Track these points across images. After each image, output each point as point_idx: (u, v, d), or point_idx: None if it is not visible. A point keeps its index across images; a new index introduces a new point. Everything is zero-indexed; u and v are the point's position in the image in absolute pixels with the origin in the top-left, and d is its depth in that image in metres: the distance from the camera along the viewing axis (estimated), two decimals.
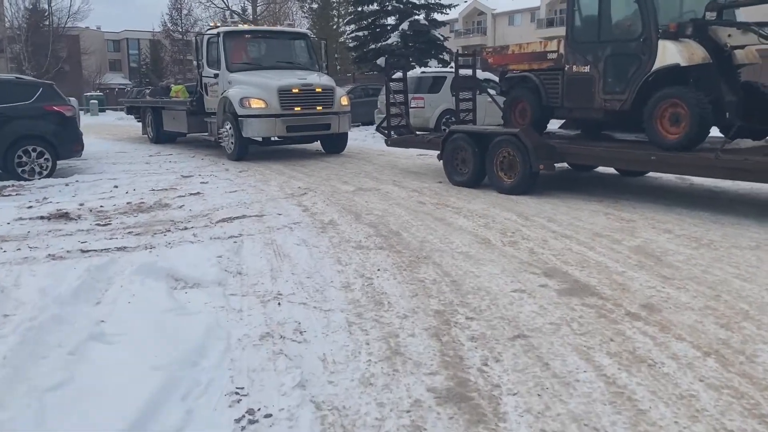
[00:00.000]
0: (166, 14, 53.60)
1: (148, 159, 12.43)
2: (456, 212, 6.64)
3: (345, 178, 9.37)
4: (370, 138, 16.28)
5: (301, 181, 9.20)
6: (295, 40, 13.12)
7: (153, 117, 15.76)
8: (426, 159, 11.44)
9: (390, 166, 10.77)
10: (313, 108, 11.67)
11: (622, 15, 6.87)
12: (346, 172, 10.15)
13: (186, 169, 10.77)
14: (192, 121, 13.58)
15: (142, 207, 7.25)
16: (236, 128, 11.50)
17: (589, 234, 5.53)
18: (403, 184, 8.66)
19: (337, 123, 12.04)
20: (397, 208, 6.91)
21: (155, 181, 9.25)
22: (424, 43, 24.48)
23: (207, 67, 12.65)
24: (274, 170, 10.49)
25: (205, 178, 9.60)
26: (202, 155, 12.99)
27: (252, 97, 11.32)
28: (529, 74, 7.98)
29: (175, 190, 8.36)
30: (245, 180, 9.36)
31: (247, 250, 5.20)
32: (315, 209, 6.97)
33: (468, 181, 8.21)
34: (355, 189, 8.33)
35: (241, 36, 12.61)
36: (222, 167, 11.01)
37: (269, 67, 12.24)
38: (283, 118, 11.39)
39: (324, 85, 11.85)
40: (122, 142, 17.17)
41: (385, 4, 25.35)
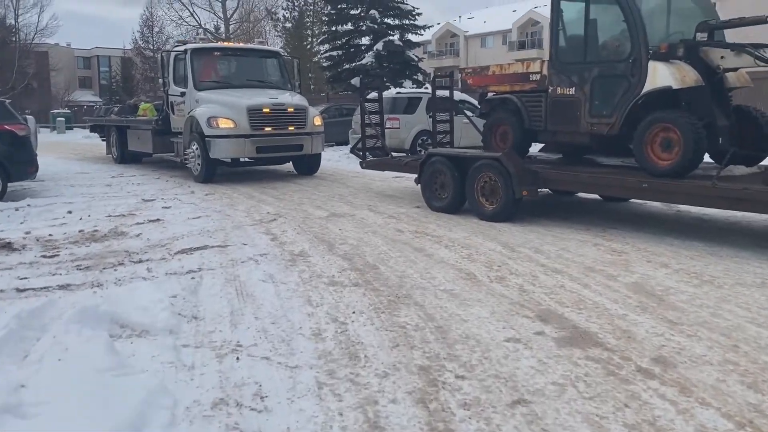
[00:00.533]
0: (138, 31, 52.76)
1: (109, 181, 11.78)
2: (436, 242, 6.19)
3: (318, 203, 8.88)
4: (345, 159, 15.83)
5: (271, 205, 8.68)
6: (267, 58, 12.65)
7: (118, 136, 15.10)
8: (402, 182, 11.02)
9: (365, 189, 10.31)
10: (285, 128, 11.18)
11: (609, 35, 6.55)
12: (319, 195, 9.66)
13: (149, 192, 10.16)
14: (157, 141, 12.98)
15: (95, 236, 6.65)
16: (203, 149, 10.95)
17: (580, 268, 5.11)
18: (379, 210, 8.19)
19: (310, 144, 11.56)
20: (374, 237, 6.43)
21: (114, 205, 8.64)
22: (398, 63, 24.23)
23: (173, 85, 12.11)
24: (242, 193, 9.95)
25: (168, 202, 9.01)
26: (168, 177, 12.38)
27: (220, 117, 10.79)
28: (510, 96, 7.61)
29: (134, 216, 7.76)
30: (211, 204, 8.80)
31: (206, 289, 4.66)
32: (284, 238, 6.46)
33: (447, 206, 7.78)
34: (328, 215, 7.84)
35: (209, 53, 12.11)
36: (187, 190, 10.42)
37: (239, 86, 11.74)
38: (253, 139, 10.88)
39: (296, 105, 11.39)
40: (85, 161, 16.44)
41: (360, 24, 25.09)
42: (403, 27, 25.00)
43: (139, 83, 54.42)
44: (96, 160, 16.66)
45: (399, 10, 24.60)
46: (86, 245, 6.25)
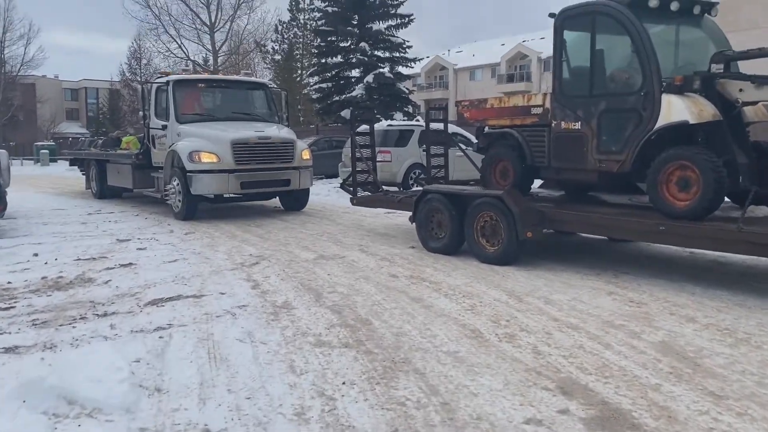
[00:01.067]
0: (125, 63, 52.51)
1: (85, 218, 11.17)
2: (435, 289, 5.64)
3: (305, 242, 8.32)
4: (334, 192, 15.31)
5: (255, 246, 8.11)
6: (253, 90, 12.21)
7: (97, 170, 14.52)
8: (395, 218, 10.49)
9: (355, 227, 9.77)
10: (271, 163, 10.67)
11: (618, 66, 6.12)
12: (306, 234, 9.11)
13: (125, 230, 9.55)
14: (138, 176, 12.42)
15: (59, 283, 6.04)
16: (184, 185, 10.39)
17: (598, 323, 4.57)
18: (371, 250, 7.65)
19: (298, 179, 11.05)
20: (366, 284, 5.87)
21: (85, 246, 8.04)
22: (388, 96, 23.97)
23: (155, 117, 11.60)
24: (224, 232, 9.37)
25: (144, 242, 8.41)
26: (147, 213, 11.78)
27: (202, 151, 10.27)
28: (510, 130, 7.16)
29: (105, 260, 7.16)
30: (190, 245, 8.21)
31: (175, 351, 4.06)
32: (267, 285, 5.88)
33: (445, 247, 7.25)
34: (316, 257, 7.28)
35: (193, 85, 11.64)
36: (166, 228, 9.83)
37: (224, 119, 11.26)
38: (237, 174, 10.35)
39: (283, 138, 10.90)
40: (63, 196, 15.81)
41: (350, 56, 24.88)
42: (393, 59, 24.82)
43: (126, 115, 54.03)
44: (75, 195, 16.03)
45: (389, 42, 24.44)
46: (48, 294, 5.64)
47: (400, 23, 24.67)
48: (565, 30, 6.50)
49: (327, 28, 24.84)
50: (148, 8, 31.22)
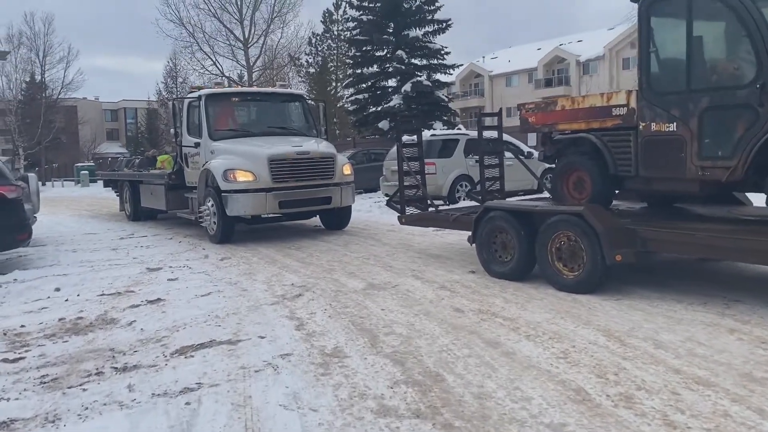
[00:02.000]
0: (162, 82, 52.93)
1: (117, 243, 10.56)
2: (512, 328, 4.71)
3: (351, 267, 7.49)
4: (376, 208, 14.48)
5: (296, 273, 7.30)
6: (289, 102, 11.50)
7: (131, 192, 14.00)
8: (446, 236, 9.59)
9: (404, 248, 8.90)
10: (311, 179, 9.89)
11: (723, 54, 5.13)
12: (351, 257, 8.27)
13: (157, 257, 8.87)
14: (171, 197, 11.81)
15: (78, 326, 5.32)
16: (219, 205, 9.68)
17: (734, 376, 3.58)
18: (425, 276, 6.76)
19: (339, 196, 10.24)
20: (427, 321, 4.99)
21: (113, 278, 7.35)
22: (427, 104, 23.10)
23: (187, 135, 10.97)
24: (263, 256, 8.60)
25: (176, 271, 7.69)
26: (182, 236, 11.13)
27: (238, 169, 9.55)
28: (587, 135, 6.20)
29: (132, 294, 6.43)
30: (225, 273, 7.46)
31: (204, 424, 3.24)
32: (313, 325, 5.04)
33: (512, 272, 6.32)
34: (365, 286, 6.43)
35: (226, 99, 10.98)
36: (201, 253, 9.12)
37: (259, 134, 10.55)
38: (275, 193, 9.60)
39: (323, 153, 10.12)
40: (97, 219, 15.35)
41: (386, 66, 24.13)
42: (430, 67, 23.97)
43: (163, 134, 54.42)
44: (110, 218, 15.57)
45: (427, 49, 23.61)
46: (63, 340, 4.92)
47: (438, 29, 23.82)
48: (653, 16, 5.53)
49: (362, 38, 24.15)
50: (182, 26, 31.05)
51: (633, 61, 56.42)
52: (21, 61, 46.18)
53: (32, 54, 46.78)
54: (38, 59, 47.24)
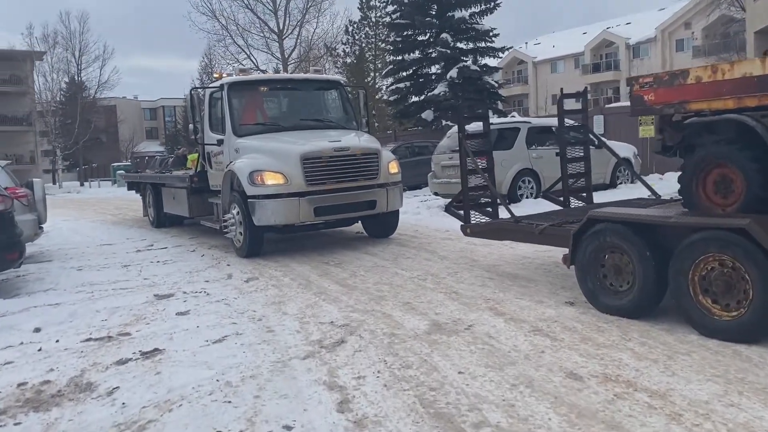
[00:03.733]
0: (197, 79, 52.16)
1: (131, 258, 9.18)
2: (671, 416, 3.04)
3: (405, 294, 5.89)
4: (424, 209, 12.82)
5: (337, 302, 5.73)
6: (325, 90, 9.92)
7: (153, 195, 12.67)
8: (517, 247, 7.88)
9: (467, 262, 7.26)
10: (352, 180, 8.31)
11: None
12: (403, 276, 6.67)
13: (172, 277, 7.43)
14: (194, 202, 10.41)
15: (41, 395, 3.87)
16: (246, 213, 8.19)
17: None
18: (507, 309, 5.11)
19: (385, 199, 8.64)
20: (533, 401, 3.35)
21: (109, 311, 5.91)
22: (474, 91, 21.28)
23: (209, 130, 9.51)
24: (296, 276, 7.07)
25: (190, 299, 6.21)
26: (206, 248, 9.69)
27: (266, 170, 8.04)
28: (738, 117, 4.42)
29: (124, 341, 4.94)
30: (249, 302, 5.94)
31: None
32: (362, 403, 3.45)
33: (631, 307, 4.62)
34: (428, 326, 4.82)
35: (252, 88, 9.46)
36: (224, 271, 7.64)
37: (291, 128, 9.01)
38: (310, 198, 8.05)
39: (365, 148, 8.53)
40: (119, 226, 14.08)
41: (429, 51, 22.37)
42: (477, 50, 22.11)
43: None
44: (133, 224, 14.30)
45: (474, 31, 21.75)
46: (16, 422, 3.46)
47: (485, 9, 21.92)
48: None
49: (403, 21, 22.43)
50: (214, 19, 29.89)
51: (687, 43, 53.27)
52: (57, 61, 45.98)
53: (68, 53, 46.52)
54: (74, 58, 46.97)
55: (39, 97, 44.89)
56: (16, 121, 46.30)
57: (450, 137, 13.01)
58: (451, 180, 12.38)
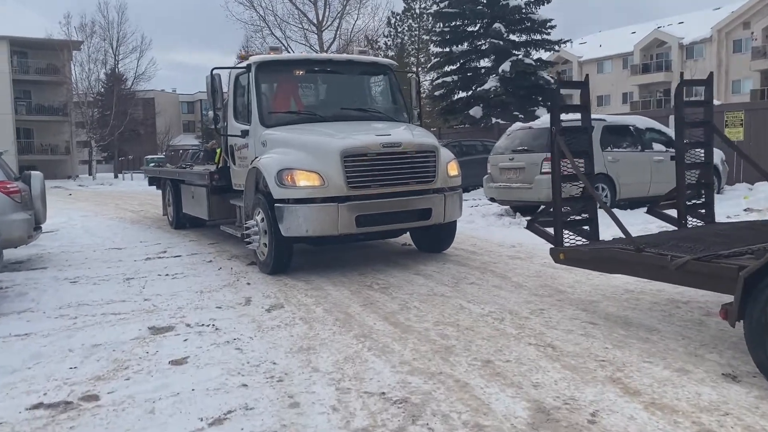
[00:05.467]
0: None
1: (138, 268, 7.76)
2: None
3: (481, 344, 4.31)
4: (479, 216, 11.18)
5: (387, 354, 4.17)
6: (372, 74, 8.36)
7: (172, 193, 11.30)
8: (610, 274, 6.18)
9: (553, 296, 5.62)
10: (403, 183, 6.75)
11: None
12: (473, 314, 5.08)
13: (177, 299, 5.96)
14: (214, 203, 8.98)
15: None
16: (272, 221, 6.69)
17: None
18: (640, 386, 3.48)
19: (442, 207, 7.05)
20: None
21: (86, 351, 4.46)
22: (528, 87, 19.48)
23: (233, 119, 8.05)
24: (332, 305, 5.53)
25: (192, 337, 4.72)
26: (225, 258, 8.23)
27: (298, 169, 6.52)
28: None
29: (87, 410, 3.46)
30: (269, 346, 4.42)
31: None
32: None
33: None
34: (529, 411, 3.23)
35: (285, 69, 7.95)
36: (242, 293, 6.14)
37: (329, 118, 7.49)
38: (351, 204, 6.51)
39: (420, 145, 6.95)
40: (136, 226, 12.75)
41: (479, 43, 20.64)
42: (533, 43, 20.29)
43: None
44: (152, 223, 12.96)
45: (530, 21, 19.94)
46: None
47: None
48: None
49: (451, 10, 20.72)
50: (252, 8, 28.72)
51: (746, 43, 50.27)
52: (94, 51, 45.52)
53: (105, 44, 46.03)
54: (111, 49, 46.46)
55: (75, 87, 44.44)
56: (53, 111, 46.00)
57: (510, 135, 11.35)
58: (512, 185, 10.72)
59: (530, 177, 10.32)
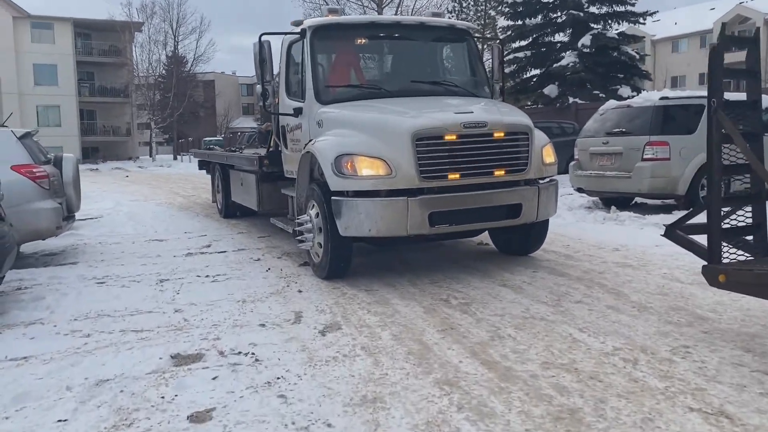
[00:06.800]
0: None
1: (176, 266, 6.78)
2: None
3: (617, 405, 3.05)
4: (564, 209, 9.73)
5: (485, 415, 2.97)
6: (449, 42, 7.06)
7: (221, 178, 10.33)
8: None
9: (695, 324, 4.26)
10: (488, 173, 5.46)
11: None
12: (591, 350, 3.81)
13: (212, 314, 4.89)
14: (265, 192, 7.92)
15: None
16: (328, 216, 5.53)
17: None
18: None
19: (535, 202, 5.73)
20: None
21: (87, 390, 3.44)
22: (609, 64, 17.69)
23: (285, 95, 6.93)
24: (402, 329, 4.34)
25: (224, 373, 3.63)
26: (275, 256, 7.17)
27: (359, 154, 5.32)
28: None
29: None
30: (322, 392, 3.28)
31: None
32: None
33: None
34: None
35: (345, 35, 6.72)
36: (290, 307, 5.02)
37: (397, 93, 6.26)
38: (424, 198, 5.28)
39: (511, 125, 5.64)
40: (184, 213, 11.88)
41: (554, 16, 18.90)
42: (615, 15, 18.42)
43: None
44: (200, 210, 12.08)
45: None
46: None
47: None
48: None
49: None
50: None
51: None
52: (154, 32, 45.59)
53: (165, 24, 46.04)
54: (171, 30, 46.45)
55: (136, 69, 44.66)
56: (115, 92, 46.46)
57: (603, 115, 9.83)
58: (606, 173, 9.25)
59: (629, 164, 8.83)
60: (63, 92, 43.74)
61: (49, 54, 43.01)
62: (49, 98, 43.22)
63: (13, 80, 41.95)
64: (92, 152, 45.58)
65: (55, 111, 43.65)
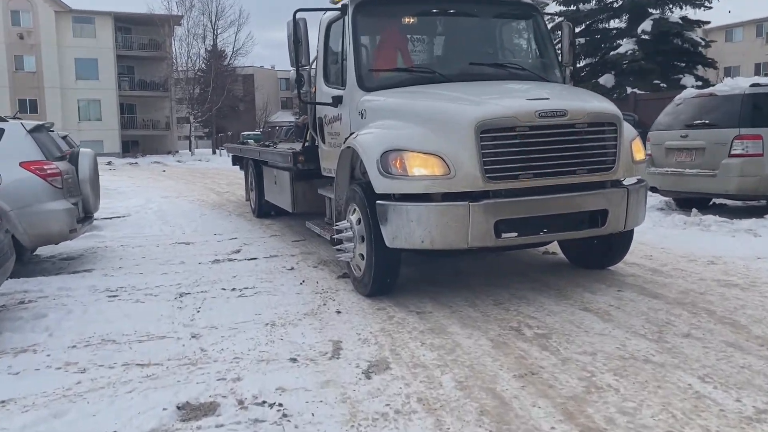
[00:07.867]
0: None
1: (201, 275, 6.00)
2: None
3: None
4: None
5: None
6: (512, 17, 6.09)
7: (255, 175, 9.54)
8: None
9: None
10: (568, 172, 4.50)
11: None
12: (724, 408, 2.86)
13: (234, 341, 4.07)
14: (300, 192, 7.11)
15: None
16: (372, 223, 4.64)
17: None
18: None
19: (624, 208, 4.73)
20: None
21: None
22: (671, 51, 16.36)
23: (324, 83, 6.07)
24: (466, 370, 3.44)
25: (242, 429, 2.78)
26: (311, 265, 6.33)
27: (410, 150, 4.41)
28: None
29: None
30: None
31: None
32: None
33: None
34: None
35: (392, 11, 5.80)
36: (328, 334, 4.16)
37: (454, 77, 5.32)
38: (489, 204, 4.34)
39: (596, 113, 4.66)
40: (216, 211, 11.17)
41: (608, 1, 17.65)
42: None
43: None
44: (234, 209, 11.34)
45: None
46: None
47: None
48: None
49: None
50: None
51: None
52: (193, 25, 45.44)
53: (204, 18, 45.85)
54: (210, 23, 46.24)
55: (176, 63, 44.59)
56: (154, 86, 46.51)
57: (680, 105, 8.70)
58: (685, 170, 8.15)
59: (713, 161, 7.72)
60: (103, 86, 43.96)
61: (90, 48, 43.26)
62: (90, 92, 43.50)
63: (55, 74, 42.31)
64: (132, 146, 45.77)
65: (95, 105, 43.91)
